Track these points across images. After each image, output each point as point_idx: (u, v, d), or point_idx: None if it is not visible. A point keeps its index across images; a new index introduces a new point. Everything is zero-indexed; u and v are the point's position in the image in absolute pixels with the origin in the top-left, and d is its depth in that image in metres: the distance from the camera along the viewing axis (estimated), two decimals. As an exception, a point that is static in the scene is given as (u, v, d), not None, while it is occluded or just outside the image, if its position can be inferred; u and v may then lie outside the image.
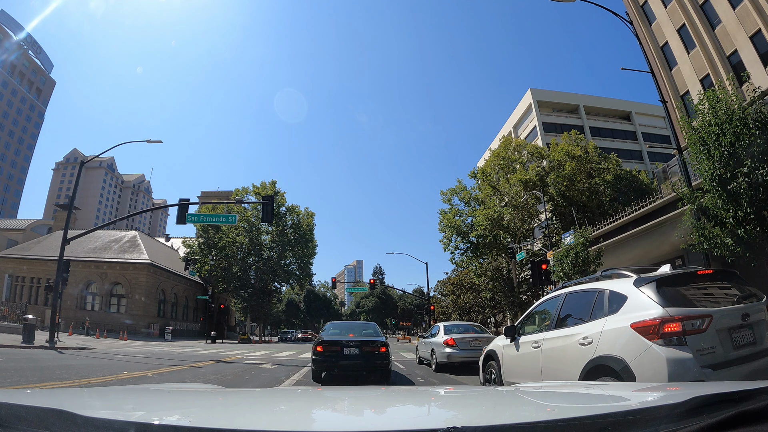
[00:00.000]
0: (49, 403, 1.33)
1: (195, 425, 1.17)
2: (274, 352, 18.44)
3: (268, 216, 15.33)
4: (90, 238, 46.08)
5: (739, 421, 1.15)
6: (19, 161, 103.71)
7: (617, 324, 3.95)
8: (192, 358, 14.46)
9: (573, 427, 1.17)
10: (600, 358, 3.94)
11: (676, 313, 3.65)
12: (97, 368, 10.21)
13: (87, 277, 39.67)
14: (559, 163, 33.17)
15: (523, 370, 5.34)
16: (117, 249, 41.41)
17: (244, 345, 29.21)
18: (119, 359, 13.33)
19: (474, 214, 33.23)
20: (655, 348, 3.57)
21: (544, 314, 5.52)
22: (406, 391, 3.09)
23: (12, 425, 1.09)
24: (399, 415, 1.79)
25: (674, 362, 3.47)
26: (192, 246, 42.79)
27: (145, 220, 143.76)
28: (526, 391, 2.33)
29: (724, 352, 3.63)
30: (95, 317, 37.94)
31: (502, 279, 35.72)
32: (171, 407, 1.66)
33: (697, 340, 3.57)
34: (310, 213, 46.18)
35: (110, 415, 1.21)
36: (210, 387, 2.58)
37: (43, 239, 49.75)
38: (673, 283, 4.06)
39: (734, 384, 1.81)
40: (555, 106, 56.54)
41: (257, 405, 1.82)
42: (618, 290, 4.24)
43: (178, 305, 45.15)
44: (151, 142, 17.35)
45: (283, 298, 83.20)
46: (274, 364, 11.92)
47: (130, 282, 38.51)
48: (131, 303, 38.17)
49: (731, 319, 3.77)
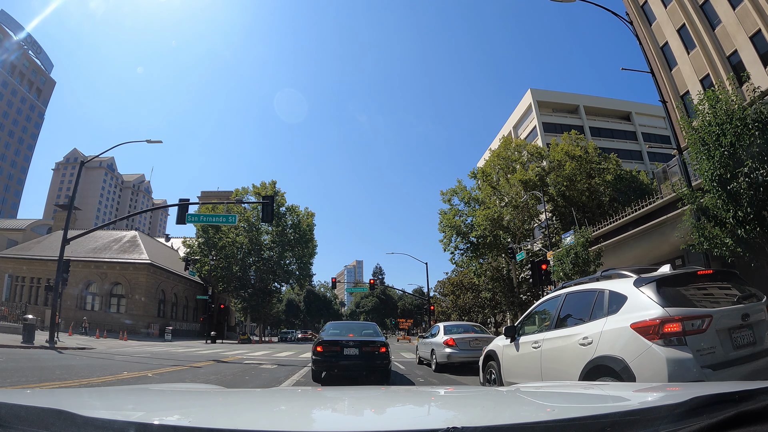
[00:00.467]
0: (49, 403, 1.33)
1: (195, 425, 1.17)
2: (273, 352, 18.46)
3: (268, 216, 15.32)
4: (90, 238, 46.11)
5: (739, 422, 1.15)
6: (19, 161, 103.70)
7: (617, 324, 3.93)
8: (192, 358, 14.47)
9: (573, 427, 1.17)
10: (600, 359, 3.93)
11: (676, 313, 3.63)
12: (97, 368, 10.21)
13: (87, 277, 39.68)
14: (559, 163, 33.14)
15: (523, 371, 5.33)
16: (117, 249, 41.40)
17: (243, 345, 29.23)
18: (119, 359, 13.34)
19: (474, 215, 33.24)
20: (655, 348, 3.55)
21: (544, 314, 5.50)
22: (405, 392, 3.10)
23: (12, 425, 1.09)
24: (399, 415, 1.79)
25: (674, 362, 3.45)
26: (192, 246, 42.79)
27: (145, 220, 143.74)
28: (527, 391, 2.33)
29: (724, 353, 3.60)
30: (95, 317, 37.96)
31: (502, 279, 35.69)
32: (171, 407, 1.66)
33: (697, 340, 3.55)
34: (310, 213, 46.21)
35: (110, 415, 1.21)
36: (210, 387, 2.59)
37: (43, 239, 49.76)
38: (673, 284, 4.04)
39: (734, 384, 1.81)
40: (555, 106, 56.56)
41: (257, 405, 1.82)
42: (618, 290, 4.22)
43: (178, 305, 45.14)
44: (151, 142, 17.37)
45: (283, 299, 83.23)
46: (274, 365, 11.94)
47: (130, 282, 38.51)
48: (131, 303, 38.17)
49: (731, 319, 3.75)
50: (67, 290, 41.73)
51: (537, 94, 55.24)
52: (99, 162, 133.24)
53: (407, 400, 2.22)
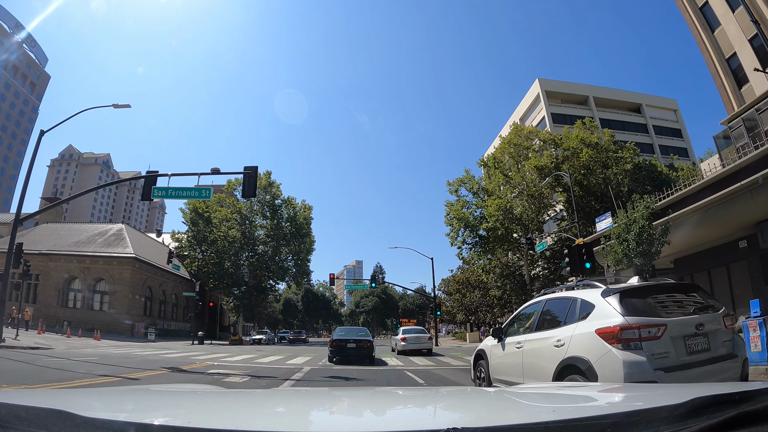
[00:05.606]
0: (49, 403, 1.30)
1: (195, 425, 1.16)
2: (257, 356, 15.85)
3: (251, 190, 12.79)
4: (74, 232, 43.69)
5: (739, 422, 1.14)
6: (11, 156, 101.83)
7: (585, 329, 4.38)
8: (145, 364, 11.42)
9: (574, 427, 1.17)
10: (570, 359, 4.35)
11: (634, 321, 4.05)
12: (11, 374, 7.68)
13: (69, 272, 37.21)
14: (573, 150, 31.15)
15: (507, 369, 5.76)
16: (101, 242, 38.87)
17: (231, 347, 26.36)
18: (54, 364, 10.77)
19: (483, 206, 30.77)
20: (614, 351, 4.00)
21: (527, 318, 5.87)
22: (405, 392, 3.11)
23: (12, 425, 1.09)
24: (399, 415, 1.78)
25: (630, 364, 3.89)
26: (181, 240, 40.17)
27: (141, 218, 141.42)
28: (527, 392, 2.38)
29: (677, 357, 4.03)
30: (78, 315, 35.53)
31: (512, 276, 33.31)
32: (171, 408, 1.66)
33: (652, 345, 3.98)
34: (308, 206, 43.46)
35: (110, 415, 1.22)
36: (210, 388, 2.60)
37: (27, 232, 47.56)
38: (635, 295, 4.47)
39: (735, 385, 1.99)
40: (563, 97, 55.01)
41: (257, 406, 1.81)
42: (588, 299, 4.63)
43: (167, 303, 42.51)
44: (118, 106, 15.45)
45: (281, 298, 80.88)
46: (247, 376, 9.11)
47: (113, 277, 35.95)
48: (114, 300, 35.61)
49: (685, 327, 4.15)
50: (48, 286, 39.48)
51: (545, 84, 53.34)
52: (95, 159, 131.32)
53: (407, 400, 2.24)
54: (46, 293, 37.60)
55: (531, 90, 54.96)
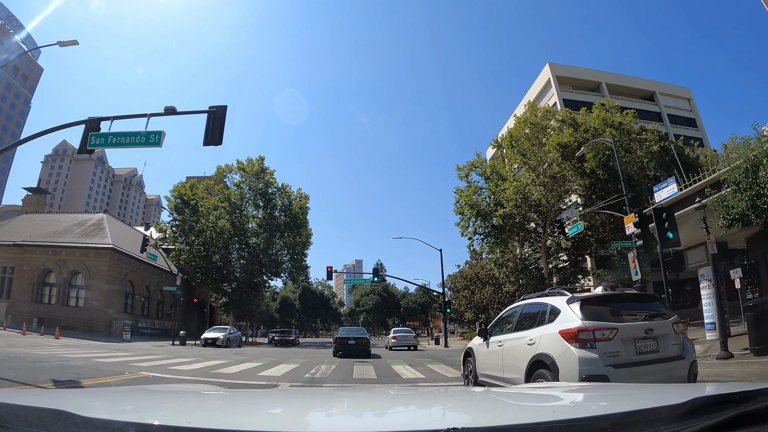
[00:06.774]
0: (49, 403, 1.30)
1: (195, 425, 1.16)
2: (227, 363, 12.58)
3: (216, 136, 9.65)
4: (52, 222, 40.65)
5: (739, 422, 1.14)
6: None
7: (551, 330, 5.15)
8: (23, 374, 8.47)
9: (574, 427, 1.17)
10: (539, 355, 5.12)
11: (590, 325, 4.78)
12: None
13: (44, 264, 34.17)
14: (595, 131, 28.33)
15: (490, 365, 6.62)
16: (79, 233, 35.78)
17: (206, 350, 21.21)
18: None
19: (497, 191, 27.69)
20: (572, 349, 4.72)
21: (508, 320, 6.65)
22: (405, 392, 3.27)
23: (12, 425, 1.09)
24: (398, 415, 1.76)
25: (584, 360, 4.58)
26: (165, 231, 37.03)
27: (137, 214, 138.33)
28: (527, 392, 2.41)
29: (627, 356, 4.72)
30: (52, 312, 32.53)
31: (527, 270, 30.25)
32: (170, 408, 1.65)
33: (604, 345, 4.67)
34: (304, 195, 40.18)
35: (110, 415, 1.22)
36: (210, 387, 2.58)
37: (5, 223, 44.68)
38: (595, 303, 5.22)
39: (735, 385, 1.97)
40: (575, 83, 52.35)
41: (257, 405, 1.81)
42: (556, 305, 5.41)
43: (150, 300, 39.38)
44: (63, 44, 12.79)
45: (278, 297, 77.82)
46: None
47: (90, 270, 32.85)
48: (91, 295, 32.51)
49: (635, 331, 4.90)
50: (21, 280, 36.45)
51: (556, 69, 50.57)
52: (89, 154, 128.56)
53: (407, 400, 2.23)
54: (20, 287, 34.58)
55: (541, 75, 52.09)
